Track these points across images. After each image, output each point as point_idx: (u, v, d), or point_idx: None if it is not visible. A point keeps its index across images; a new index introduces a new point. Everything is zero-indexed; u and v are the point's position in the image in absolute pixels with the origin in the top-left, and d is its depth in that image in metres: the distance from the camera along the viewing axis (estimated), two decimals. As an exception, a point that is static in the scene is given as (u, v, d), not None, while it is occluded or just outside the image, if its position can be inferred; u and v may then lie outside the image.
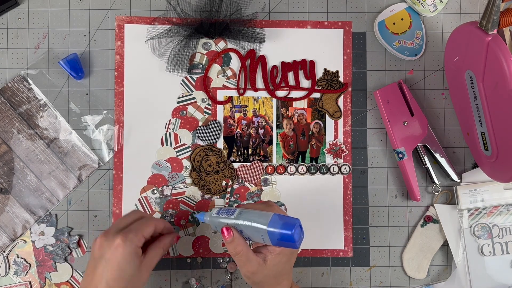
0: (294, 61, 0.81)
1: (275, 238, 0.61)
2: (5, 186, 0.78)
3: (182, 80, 0.80)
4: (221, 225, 0.64)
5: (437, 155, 0.80)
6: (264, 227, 0.61)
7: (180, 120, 0.80)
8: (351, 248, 0.81)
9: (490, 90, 0.66)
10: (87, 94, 0.80)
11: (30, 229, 0.78)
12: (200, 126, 0.80)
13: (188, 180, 0.80)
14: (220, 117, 0.81)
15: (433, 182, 0.80)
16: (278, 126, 0.81)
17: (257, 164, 0.80)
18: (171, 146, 0.80)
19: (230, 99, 0.81)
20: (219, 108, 0.81)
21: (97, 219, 0.79)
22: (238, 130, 0.81)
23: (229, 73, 0.81)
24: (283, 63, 0.81)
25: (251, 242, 0.68)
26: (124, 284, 0.62)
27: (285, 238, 0.60)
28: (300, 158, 0.81)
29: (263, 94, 0.81)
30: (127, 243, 0.61)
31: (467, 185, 0.80)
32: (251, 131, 0.81)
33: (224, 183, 0.80)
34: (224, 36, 0.80)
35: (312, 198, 0.81)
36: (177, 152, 0.80)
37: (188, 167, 0.80)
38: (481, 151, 0.75)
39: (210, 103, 0.80)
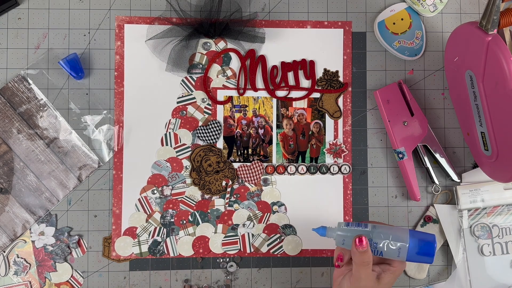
0: (294, 61, 0.81)
1: (414, 252, 0.63)
2: (5, 186, 0.78)
3: (182, 80, 0.80)
4: (352, 236, 0.64)
5: (437, 155, 0.80)
6: (405, 241, 0.63)
7: (180, 120, 0.80)
8: (351, 248, 0.81)
9: (490, 90, 0.66)
10: (87, 94, 0.80)
11: (30, 229, 0.78)
12: (200, 126, 0.80)
13: (188, 180, 0.80)
14: (220, 117, 0.81)
15: (433, 182, 0.80)
16: (278, 126, 0.81)
17: (257, 164, 0.80)
18: (171, 146, 0.80)
19: (230, 99, 0.81)
20: (219, 108, 0.81)
21: (97, 219, 0.79)
22: (238, 130, 0.81)
23: (229, 73, 0.81)
24: (283, 63, 0.81)
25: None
26: None
27: (426, 251, 0.62)
28: (300, 158, 0.81)
29: (263, 94, 0.81)
30: None
31: (467, 185, 0.80)
32: (251, 131, 0.81)
33: (224, 183, 0.80)
34: (224, 36, 0.80)
35: (312, 198, 0.81)
36: (177, 152, 0.80)
37: (188, 167, 0.80)
38: (481, 151, 0.75)
39: (210, 103, 0.80)
